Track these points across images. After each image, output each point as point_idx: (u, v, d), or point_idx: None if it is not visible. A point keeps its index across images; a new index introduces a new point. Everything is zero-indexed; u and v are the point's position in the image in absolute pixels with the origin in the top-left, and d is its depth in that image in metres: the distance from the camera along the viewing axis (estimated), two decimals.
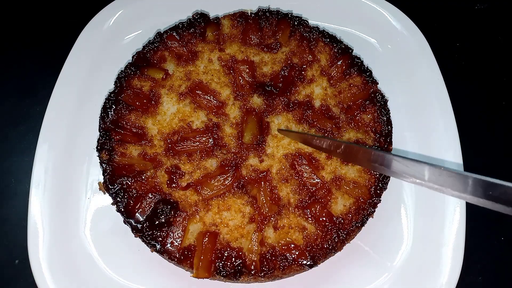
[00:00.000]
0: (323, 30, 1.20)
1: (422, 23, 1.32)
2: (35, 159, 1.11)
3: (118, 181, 0.98)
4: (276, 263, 0.95)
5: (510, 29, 1.48)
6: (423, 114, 1.21)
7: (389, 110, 1.11)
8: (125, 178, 0.99)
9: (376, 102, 1.11)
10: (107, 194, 1.00)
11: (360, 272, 1.07)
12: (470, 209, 1.10)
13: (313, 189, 1.01)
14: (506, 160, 1.31)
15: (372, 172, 1.04)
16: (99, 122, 1.05)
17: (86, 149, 1.10)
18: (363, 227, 1.02)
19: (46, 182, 1.09)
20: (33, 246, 1.04)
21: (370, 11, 1.33)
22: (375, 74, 1.16)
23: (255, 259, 0.94)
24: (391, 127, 1.09)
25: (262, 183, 1.01)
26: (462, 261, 1.05)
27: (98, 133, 1.04)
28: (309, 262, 0.95)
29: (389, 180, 1.04)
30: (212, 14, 1.23)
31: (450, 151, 1.15)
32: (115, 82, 1.10)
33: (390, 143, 1.07)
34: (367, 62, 1.17)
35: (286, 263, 0.95)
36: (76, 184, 1.12)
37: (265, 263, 0.94)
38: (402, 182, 1.15)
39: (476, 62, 1.45)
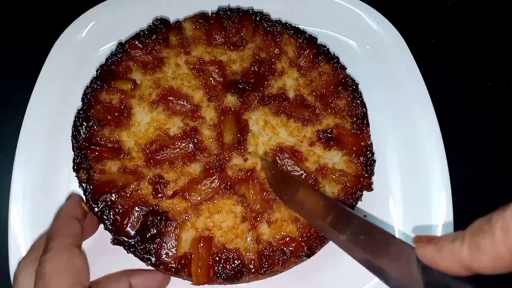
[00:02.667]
0: (286, 22, 1.20)
1: (398, 21, 1.29)
2: (12, 176, 1.07)
3: (101, 198, 0.94)
4: (274, 258, 0.94)
5: (492, 27, 1.48)
6: (405, 114, 1.21)
7: (361, 93, 1.13)
8: (108, 194, 0.95)
9: (348, 87, 1.12)
10: None
11: (359, 271, 1.05)
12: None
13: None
14: (490, 159, 1.33)
15: (360, 160, 1.05)
16: (72, 142, 1.00)
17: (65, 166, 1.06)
18: None
19: (25, 199, 1.05)
20: (15, 262, 0.97)
21: (346, 12, 1.30)
22: (356, 76, 1.15)
23: (254, 257, 0.93)
24: (366, 109, 1.11)
25: (250, 181, 0.99)
26: None
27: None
28: (306, 252, 0.95)
29: (374, 166, 1.06)
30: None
31: (433, 147, 1.15)
32: (82, 98, 1.05)
33: (367, 124, 1.09)
34: (347, 64, 1.16)
35: (285, 256, 0.94)
36: (58, 198, 1.07)
37: (264, 260, 0.93)
38: (389, 176, 1.16)
39: (456, 59, 1.42)
